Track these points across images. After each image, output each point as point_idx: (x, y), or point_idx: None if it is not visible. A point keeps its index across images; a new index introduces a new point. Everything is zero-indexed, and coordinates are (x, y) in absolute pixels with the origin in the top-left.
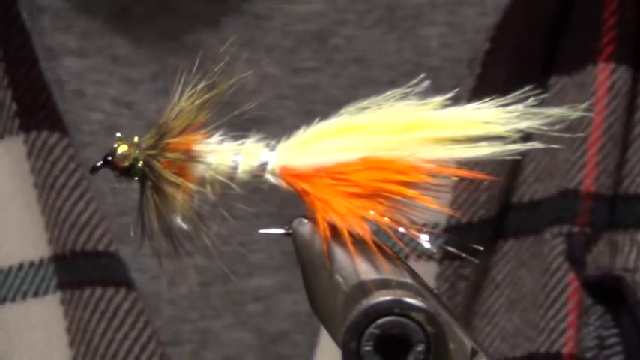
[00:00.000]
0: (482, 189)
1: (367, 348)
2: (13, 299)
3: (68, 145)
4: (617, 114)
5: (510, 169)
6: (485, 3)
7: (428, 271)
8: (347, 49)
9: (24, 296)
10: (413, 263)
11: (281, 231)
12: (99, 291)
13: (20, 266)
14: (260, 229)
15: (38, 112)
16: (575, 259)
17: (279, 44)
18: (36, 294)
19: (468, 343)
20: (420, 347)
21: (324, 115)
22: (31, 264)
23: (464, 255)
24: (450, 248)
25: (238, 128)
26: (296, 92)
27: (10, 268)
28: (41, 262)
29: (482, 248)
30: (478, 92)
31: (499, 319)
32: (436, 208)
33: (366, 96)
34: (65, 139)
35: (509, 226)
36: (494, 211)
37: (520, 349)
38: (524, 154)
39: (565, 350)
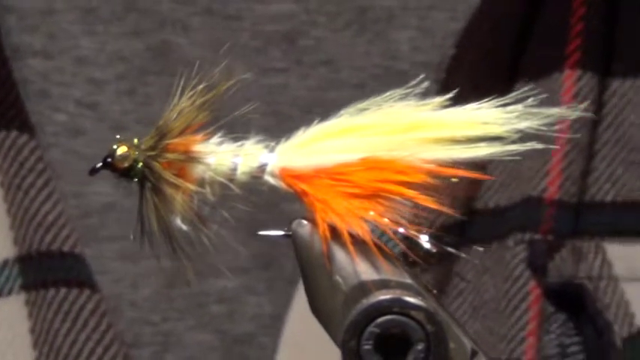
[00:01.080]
0: (445, 194)
1: (367, 347)
2: None
3: (36, 145)
4: (582, 122)
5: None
6: (455, 8)
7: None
8: (316, 51)
9: None
10: None
11: (281, 232)
12: (63, 291)
13: None
14: (226, 232)
15: (7, 112)
16: (536, 266)
17: (248, 45)
18: None
19: (468, 343)
20: (420, 346)
21: (291, 117)
22: None
23: (463, 254)
24: (451, 250)
25: (211, 130)
26: (264, 93)
27: None
28: (5, 262)
29: (481, 248)
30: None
31: None
32: (435, 207)
33: (334, 98)
34: (34, 140)
35: (474, 231)
36: (458, 217)
37: None
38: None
39: (525, 358)
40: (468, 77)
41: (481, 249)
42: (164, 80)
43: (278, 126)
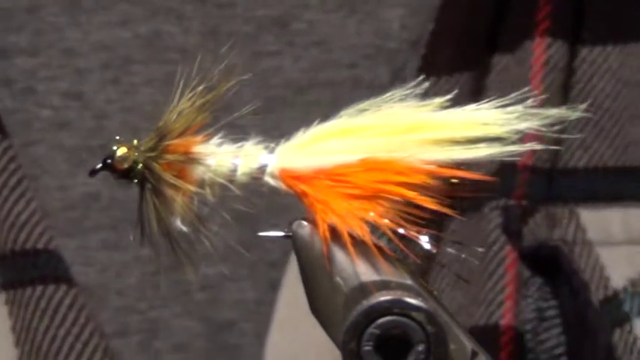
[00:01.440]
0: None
1: (367, 348)
2: None
3: (8, 145)
4: (553, 88)
5: None
6: None
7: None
8: (308, 33)
9: None
10: None
11: (281, 233)
12: (39, 289)
13: None
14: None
15: None
16: (511, 231)
17: (240, 30)
18: None
19: (468, 344)
20: (421, 347)
21: (285, 100)
22: None
23: (463, 255)
24: (450, 249)
25: (208, 122)
26: (257, 77)
27: None
28: None
29: (481, 249)
30: (423, 73)
31: (444, 298)
32: (436, 208)
33: (327, 79)
34: (6, 140)
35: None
36: None
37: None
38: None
39: (503, 322)
40: (447, 51)
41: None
42: (152, 69)
43: (272, 109)
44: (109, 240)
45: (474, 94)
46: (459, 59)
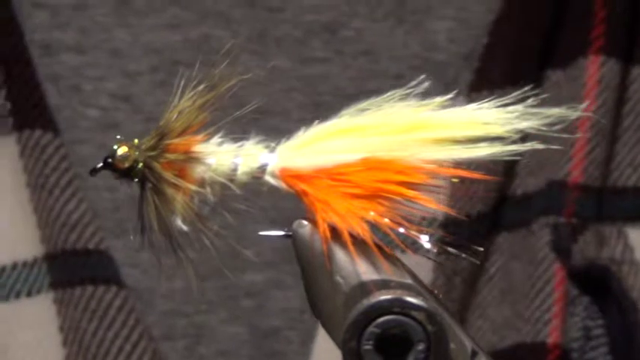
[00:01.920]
0: (480, 183)
1: (367, 347)
2: (7, 299)
3: (60, 144)
4: (606, 107)
5: (507, 163)
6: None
7: (424, 265)
8: (356, 41)
9: (17, 296)
10: (408, 258)
11: (281, 233)
12: (89, 289)
13: (14, 266)
14: (254, 226)
15: (31, 111)
16: (560, 249)
17: (289, 35)
18: (29, 293)
19: (469, 344)
20: (421, 346)
21: (332, 107)
22: (24, 263)
23: (463, 255)
24: (450, 249)
25: (244, 123)
26: (304, 84)
27: (4, 268)
28: (34, 261)
29: (481, 249)
30: (476, 87)
31: (491, 311)
32: (436, 207)
33: (374, 89)
34: (58, 139)
35: (504, 219)
36: (490, 205)
37: (508, 340)
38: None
39: (550, 340)
40: (500, 65)
41: (481, 249)
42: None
43: (318, 116)
44: (155, 242)
45: None
46: (512, 74)
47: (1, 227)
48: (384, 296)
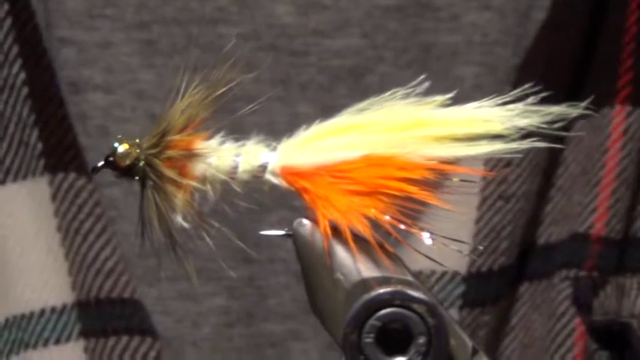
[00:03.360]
0: (504, 236)
1: (368, 340)
2: (35, 346)
3: (94, 188)
4: (630, 157)
5: (532, 212)
6: (519, 43)
7: None
8: (381, 87)
9: (45, 343)
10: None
11: (282, 232)
12: (124, 340)
13: (42, 312)
14: (280, 283)
15: (65, 154)
16: (581, 303)
17: (314, 80)
18: (58, 341)
19: (469, 342)
20: (421, 339)
21: None
22: (53, 310)
23: (463, 252)
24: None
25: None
26: None
27: (32, 314)
28: (64, 308)
29: (481, 248)
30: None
31: None
32: (437, 204)
33: None
34: (91, 183)
35: (526, 269)
36: (514, 257)
37: None
38: (544, 192)
39: None
40: None
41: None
42: (221, 117)
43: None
44: (184, 290)
45: (549, 156)
46: None
47: (29, 272)
48: (385, 289)
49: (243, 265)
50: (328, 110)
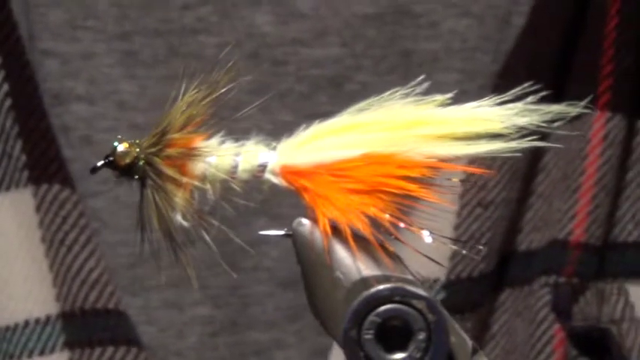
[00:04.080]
0: (483, 242)
1: (368, 336)
2: (19, 357)
3: (78, 200)
4: (610, 163)
5: (512, 218)
6: (499, 49)
7: None
8: (362, 95)
9: (30, 354)
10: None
11: (281, 232)
12: (110, 351)
13: (26, 323)
14: (264, 291)
15: (49, 165)
16: (560, 310)
17: (293, 89)
18: (42, 352)
19: (469, 340)
20: (421, 335)
21: None
22: (37, 321)
23: (464, 251)
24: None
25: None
26: None
27: (16, 325)
28: (48, 319)
29: (482, 247)
30: None
31: None
32: (436, 201)
33: None
34: (75, 195)
35: (507, 275)
36: (493, 264)
37: None
38: (524, 198)
39: None
40: None
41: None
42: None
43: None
44: (168, 299)
45: (529, 162)
46: None
47: (13, 283)
48: (385, 285)
49: (227, 273)
50: (309, 118)
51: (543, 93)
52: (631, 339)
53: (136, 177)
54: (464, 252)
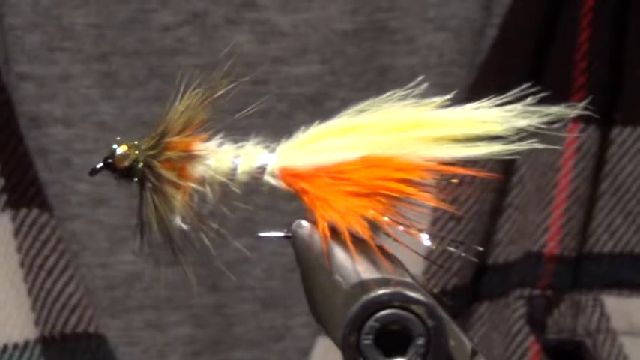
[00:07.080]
0: (456, 257)
1: (367, 341)
2: None
3: (56, 225)
4: (584, 175)
5: (485, 232)
6: (473, 62)
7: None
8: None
9: None
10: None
11: (280, 234)
12: None
13: (4, 348)
14: (247, 311)
15: (27, 190)
16: (535, 322)
17: (274, 107)
18: None
19: (468, 343)
20: (421, 341)
21: None
22: (16, 346)
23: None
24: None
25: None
26: None
27: None
28: (26, 343)
29: (480, 248)
30: None
31: None
32: (435, 204)
33: None
34: (53, 220)
35: (485, 288)
36: (468, 277)
37: None
38: (500, 209)
39: None
40: None
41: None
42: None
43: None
44: (150, 320)
45: (504, 175)
46: None
47: None
48: (384, 290)
49: (210, 293)
50: (290, 136)
51: (543, 94)
52: (607, 350)
53: (135, 179)
54: (440, 265)
